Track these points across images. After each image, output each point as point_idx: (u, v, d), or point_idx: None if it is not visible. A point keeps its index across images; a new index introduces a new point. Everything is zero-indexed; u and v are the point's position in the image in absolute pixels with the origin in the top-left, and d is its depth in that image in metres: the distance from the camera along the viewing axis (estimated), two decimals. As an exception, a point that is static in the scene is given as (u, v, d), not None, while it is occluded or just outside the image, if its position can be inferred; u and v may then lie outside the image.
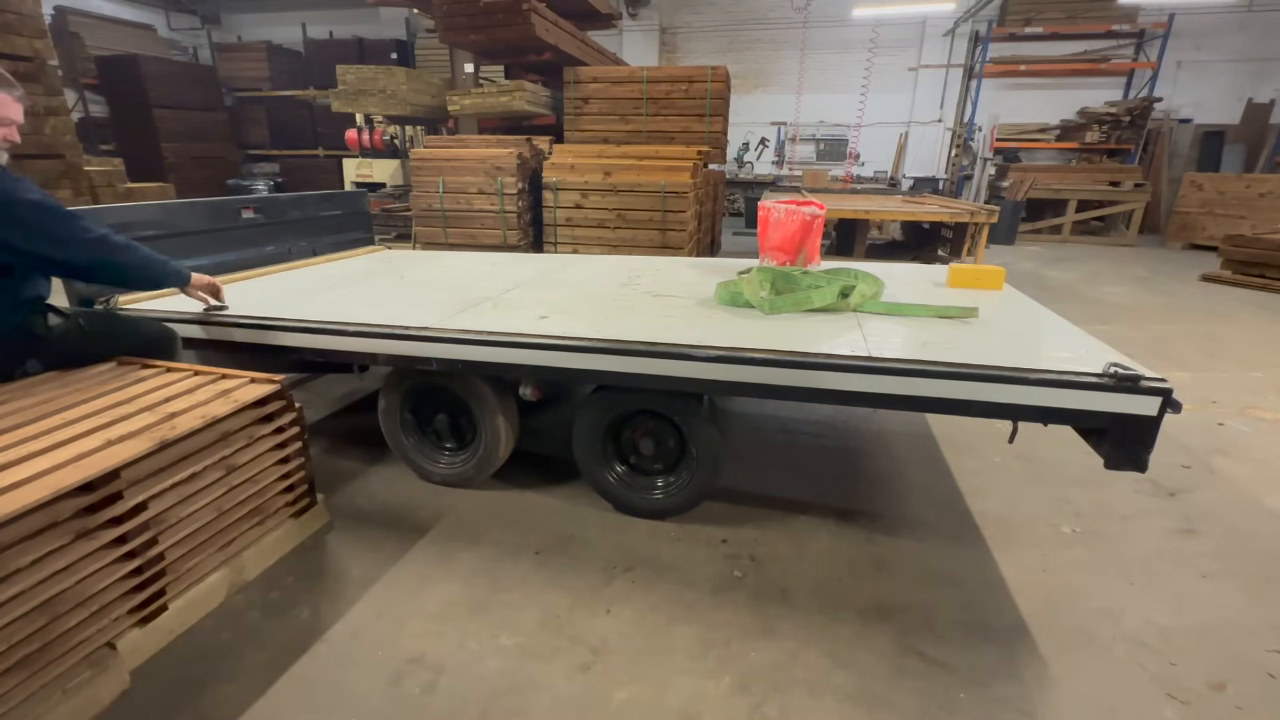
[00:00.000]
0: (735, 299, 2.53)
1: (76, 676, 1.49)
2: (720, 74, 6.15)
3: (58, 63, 4.26)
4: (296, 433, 2.08)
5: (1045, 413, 1.75)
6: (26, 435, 1.61)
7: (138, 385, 1.95)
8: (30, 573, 1.38)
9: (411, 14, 11.45)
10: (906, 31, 12.06)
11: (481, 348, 2.15)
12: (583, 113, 6.49)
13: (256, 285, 3.02)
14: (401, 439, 2.55)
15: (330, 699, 1.58)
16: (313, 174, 11.97)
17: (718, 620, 1.86)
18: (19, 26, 4.27)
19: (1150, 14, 10.48)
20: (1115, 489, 2.57)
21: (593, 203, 5.74)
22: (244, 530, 1.95)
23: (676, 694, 1.61)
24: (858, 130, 12.95)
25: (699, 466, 2.24)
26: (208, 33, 14.34)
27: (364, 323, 2.32)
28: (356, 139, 9.32)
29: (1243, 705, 1.59)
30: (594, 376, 2.13)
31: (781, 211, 2.99)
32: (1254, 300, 6.22)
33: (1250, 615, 1.91)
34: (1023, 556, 2.18)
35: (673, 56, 13.36)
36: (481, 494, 2.52)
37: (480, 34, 6.00)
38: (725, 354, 1.95)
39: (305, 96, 12.46)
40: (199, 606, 1.82)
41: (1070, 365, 1.77)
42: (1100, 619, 1.88)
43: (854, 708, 1.57)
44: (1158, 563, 2.15)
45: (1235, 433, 3.14)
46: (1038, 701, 1.59)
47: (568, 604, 1.92)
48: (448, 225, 6.07)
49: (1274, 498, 2.57)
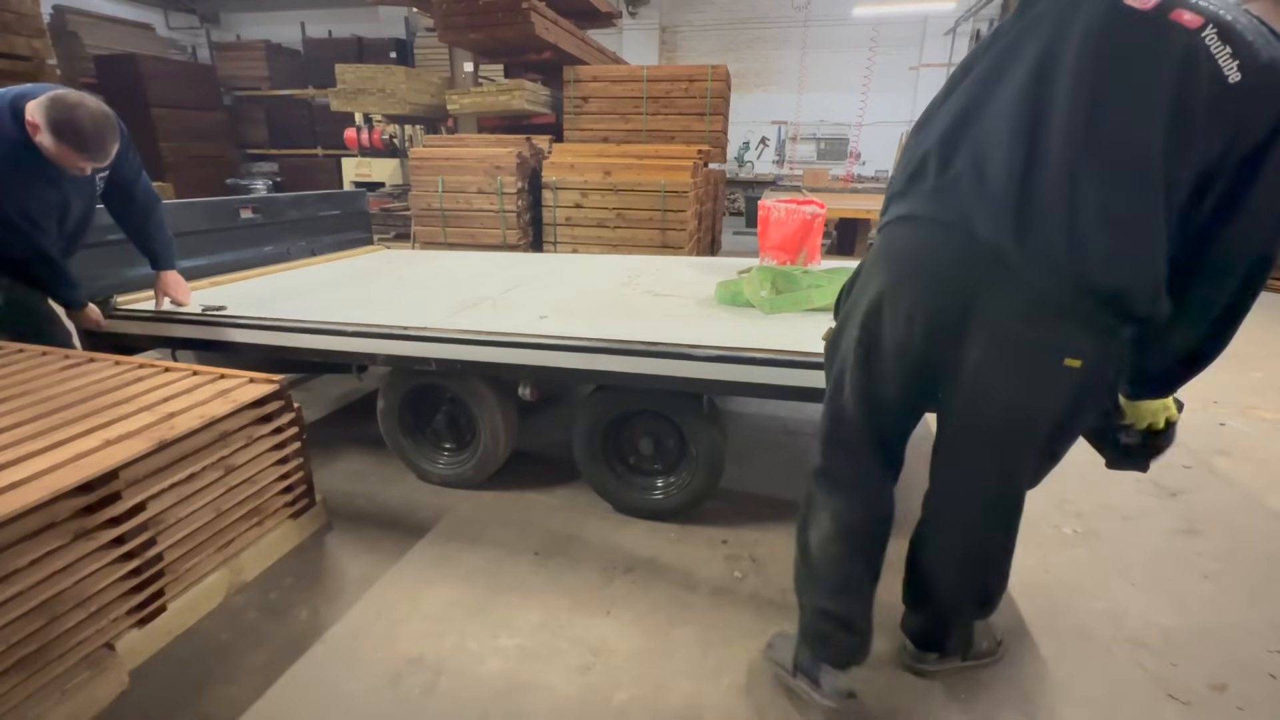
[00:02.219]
0: (735, 299, 2.52)
1: (75, 677, 1.48)
2: (720, 73, 6.15)
3: (56, 62, 4.26)
4: (295, 433, 2.07)
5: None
6: (25, 435, 1.60)
7: (136, 385, 1.95)
8: (29, 573, 1.37)
9: (411, 13, 11.43)
10: (907, 30, 12.05)
11: (481, 348, 2.14)
12: (582, 112, 6.49)
13: (255, 285, 3.02)
14: (400, 439, 2.55)
15: (329, 699, 1.58)
16: (312, 173, 11.94)
17: (718, 621, 1.86)
18: (17, 26, 4.26)
19: (1151, 13, 10.47)
20: (1116, 489, 2.56)
21: (592, 202, 5.73)
22: (243, 531, 1.94)
23: (676, 695, 1.60)
24: (859, 129, 12.94)
25: (699, 467, 2.24)
26: (206, 32, 14.32)
27: (363, 323, 2.32)
28: (355, 138, 9.30)
29: (1244, 706, 1.59)
30: (593, 376, 2.13)
31: (782, 211, 2.99)
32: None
33: (1252, 616, 1.91)
34: (1023, 556, 2.16)
35: (673, 55, 13.35)
36: (481, 494, 2.52)
37: (480, 33, 5.99)
38: (725, 354, 1.94)
39: (304, 96, 12.43)
40: (198, 607, 1.82)
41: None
42: (1101, 619, 1.88)
43: (854, 708, 1.56)
44: (1159, 563, 2.15)
45: (1236, 433, 3.14)
46: (1038, 702, 1.59)
47: (567, 605, 1.92)
48: (447, 225, 6.06)
49: (1275, 498, 2.57)
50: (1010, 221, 1.09)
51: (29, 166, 2.02)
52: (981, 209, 1.12)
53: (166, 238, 2.56)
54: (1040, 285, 1.09)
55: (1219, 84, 0.95)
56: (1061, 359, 1.12)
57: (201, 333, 2.45)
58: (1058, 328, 1.11)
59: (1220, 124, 0.97)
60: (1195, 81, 0.97)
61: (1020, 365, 1.15)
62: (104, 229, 2.49)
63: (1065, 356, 1.11)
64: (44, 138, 1.96)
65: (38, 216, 2.12)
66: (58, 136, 1.95)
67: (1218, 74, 0.95)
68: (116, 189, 2.37)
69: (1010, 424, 1.22)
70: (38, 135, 1.96)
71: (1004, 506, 1.38)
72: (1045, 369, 1.14)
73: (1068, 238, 1.05)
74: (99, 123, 2.01)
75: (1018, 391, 1.17)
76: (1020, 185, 1.08)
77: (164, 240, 2.55)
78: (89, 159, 2.04)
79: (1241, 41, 0.96)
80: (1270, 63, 0.95)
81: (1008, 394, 1.18)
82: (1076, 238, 1.05)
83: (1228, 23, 0.97)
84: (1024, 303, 1.11)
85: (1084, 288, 1.07)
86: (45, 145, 1.97)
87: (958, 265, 1.16)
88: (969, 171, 1.14)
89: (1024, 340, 1.13)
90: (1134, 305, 1.08)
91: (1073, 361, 1.11)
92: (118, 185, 2.36)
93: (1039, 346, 1.13)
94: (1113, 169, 1.04)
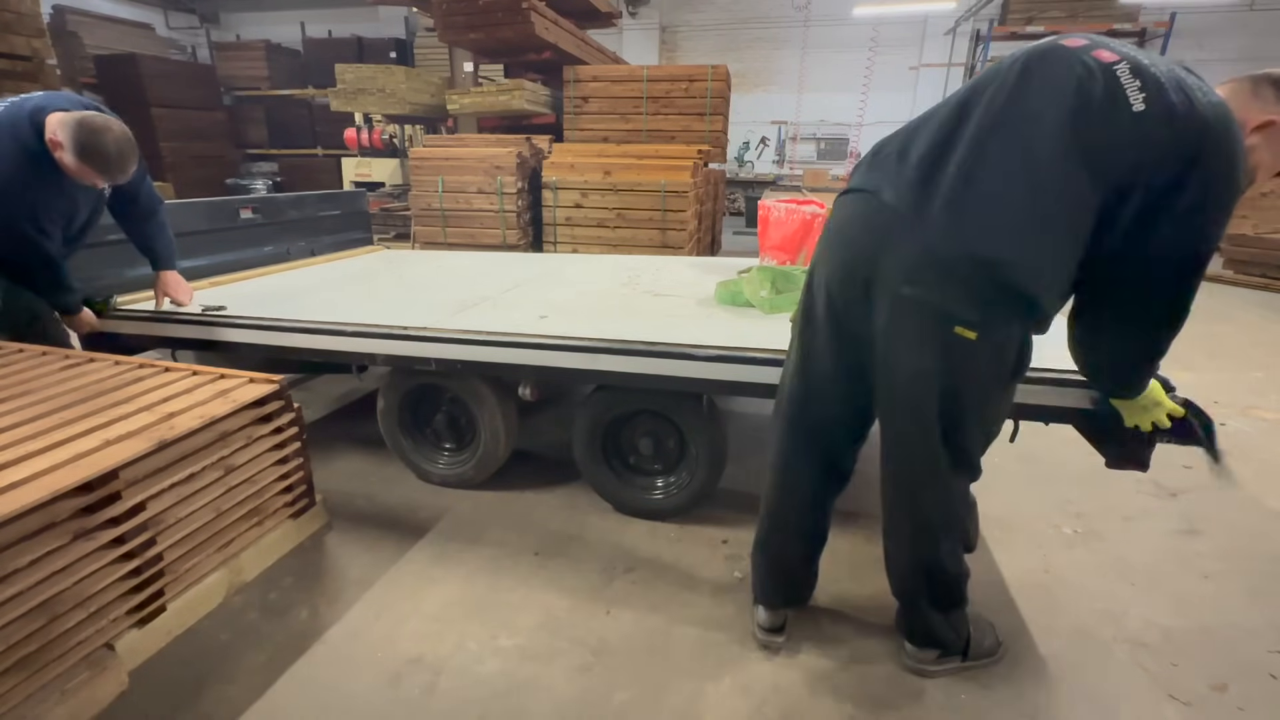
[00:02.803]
0: (735, 299, 2.52)
1: (75, 677, 1.48)
2: (720, 73, 6.14)
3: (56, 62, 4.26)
4: (295, 433, 2.07)
5: (1047, 412, 1.74)
6: (25, 435, 1.60)
7: (136, 385, 1.95)
8: (28, 573, 1.37)
9: (411, 13, 11.43)
10: (907, 30, 12.05)
11: (481, 348, 2.14)
12: (582, 112, 6.48)
13: (255, 285, 3.02)
14: (401, 439, 2.55)
15: (329, 700, 1.58)
16: (312, 173, 11.93)
17: (718, 621, 1.86)
18: (17, 25, 4.26)
19: (1152, 13, 10.46)
20: (1117, 489, 2.56)
21: (592, 202, 5.72)
22: (242, 531, 1.94)
23: (677, 695, 1.60)
24: (859, 129, 12.94)
25: (699, 467, 2.24)
26: (206, 32, 14.32)
27: (363, 323, 2.32)
28: (355, 138, 9.31)
29: (1244, 706, 1.59)
30: (594, 376, 2.13)
31: (782, 210, 2.99)
32: (1255, 300, 6.22)
33: (1252, 616, 1.91)
34: (1023, 557, 2.17)
35: (673, 55, 13.35)
36: (481, 494, 2.52)
37: (479, 33, 5.99)
38: (725, 354, 1.94)
39: (304, 96, 12.43)
40: (198, 607, 1.82)
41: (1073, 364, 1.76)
42: (1101, 619, 1.88)
43: (854, 709, 1.56)
44: (1159, 563, 2.15)
45: (1237, 433, 3.14)
46: (1038, 702, 1.59)
47: (567, 605, 1.92)
48: (447, 225, 6.06)
49: (1276, 498, 2.57)
50: (911, 190, 1.23)
51: (43, 177, 2.05)
52: (892, 179, 1.27)
53: (168, 239, 2.58)
54: (927, 247, 1.20)
55: (1124, 110, 1.10)
56: (951, 326, 1.21)
57: (201, 333, 2.45)
58: (944, 291, 1.20)
59: (1124, 145, 1.11)
60: (1095, 98, 1.11)
61: (912, 327, 1.25)
62: (104, 229, 2.49)
63: (955, 324, 1.20)
64: (66, 156, 2.00)
65: (46, 224, 2.14)
66: (83, 159, 2.00)
67: (1124, 101, 1.10)
68: (122, 194, 2.38)
69: (915, 389, 1.29)
70: (59, 152, 2.00)
71: (931, 478, 1.41)
72: (935, 334, 1.22)
73: (956, 205, 1.17)
74: (123, 148, 2.07)
75: (915, 355, 1.26)
76: (931, 162, 1.22)
77: (165, 241, 2.57)
78: (109, 180, 2.11)
79: (1153, 82, 1.10)
80: (1176, 105, 1.08)
81: (908, 358, 1.27)
82: (963, 206, 1.17)
83: (1143, 64, 1.12)
84: (912, 264, 1.22)
85: (964, 254, 1.17)
86: (66, 162, 2.01)
87: (865, 229, 1.30)
88: (896, 153, 1.31)
89: (913, 301, 1.23)
90: (1014, 278, 1.16)
91: (965, 331, 1.20)
92: (123, 191, 2.37)
93: (928, 308, 1.22)
94: (1010, 155, 1.16)
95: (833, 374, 1.43)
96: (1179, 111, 1.07)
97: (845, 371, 1.41)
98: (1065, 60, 1.17)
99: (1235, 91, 1.21)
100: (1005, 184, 1.15)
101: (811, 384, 1.49)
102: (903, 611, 1.65)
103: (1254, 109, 1.18)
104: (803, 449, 1.56)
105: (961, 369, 1.24)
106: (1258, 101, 1.19)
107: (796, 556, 1.70)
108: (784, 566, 1.71)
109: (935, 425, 1.31)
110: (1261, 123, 1.18)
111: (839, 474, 1.60)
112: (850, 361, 1.39)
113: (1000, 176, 1.16)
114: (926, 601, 1.57)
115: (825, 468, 1.57)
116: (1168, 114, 1.08)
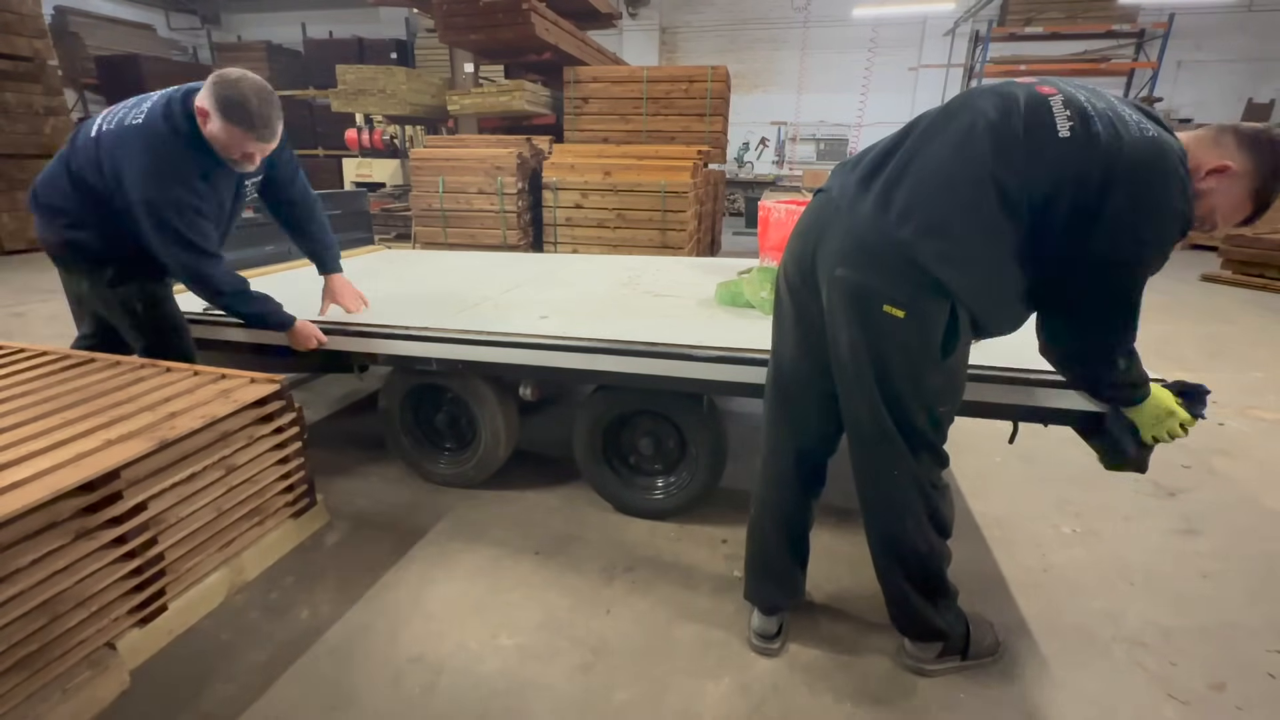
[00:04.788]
0: (735, 299, 2.53)
1: (76, 677, 1.49)
2: (720, 74, 6.16)
3: (57, 63, 4.27)
4: (296, 433, 2.07)
5: (1046, 413, 1.75)
6: (26, 435, 1.61)
7: (137, 385, 1.95)
8: (30, 573, 1.37)
9: (411, 14, 11.45)
10: (907, 31, 12.07)
11: (481, 348, 2.15)
12: (583, 112, 6.50)
13: (255, 285, 3.01)
14: (401, 439, 2.55)
15: (330, 699, 1.58)
16: (313, 174, 11.83)
17: (718, 620, 1.86)
18: (19, 26, 4.27)
19: (1150, 14, 10.48)
20: (1115, 489, 2.57)
21: (593, 202, 5.74)
22: (244, 530, 1.94)
23: (677, 694, 1.61)
24: (858, 130, 12.96)
25: (699, 467, 2.24)
26: (207, 33, 14.35)
27: (363, 323, 2.32)
28: (356, 139, 9.33)
29: (1243, 705, 1.59)
30: (594, 377, 2.13)
31: (781, 211, 2.99)
32: (1254, 300, 6.23)
33: (1251, 615, 1.91)
34: (1023, 556, 2.17)
35: (673, 56, 13.37)
36: (481, 494, 2.52)
37: (480, 33, 6.00)
38: (725, 354, 1.95)
39: (305, 96, 12.45)
40: (199, 607, 1.82)
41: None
42: (1101, 619, 1.88)
43: (854, 707, 1.57)
44: (1158, 563, 2.15)
45: (1236, 433, 3.14)
46: (1038, 701, 1.59)
47: (568, 604, 1.92)
48: (447, 225, 6.07)
49: (1275, 498, 2.57)
50: (853, 188, 1.38)
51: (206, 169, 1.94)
52: (842, 181, 1.43)
53: (330, 240, 2.47)
54: (857, 235, 1.33)
55: (1050, 132, 1.24)
56: (881, 304, 1.30)
57: (202, 332, 2.45)
58: (871, 272, 1.31)
59: (1048, 162, 1.24)
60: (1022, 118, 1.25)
61: (846, 305, 1.35)
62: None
63: (884, 303, 1.30)
64: (213, 124, 1.83)
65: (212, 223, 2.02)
66: (226, 116, 1.81)
67: (1052, 125, 1.24)
68: (274, 191, 2.31)
69: (854, 360, 1.37)
70: (207, 125, 1.84)
71: (886, 455, 1.45)
72: (867, 310, 1.32)
73: (883, 199, 1.31)
74: (262, 96, 1.85)
75: (849, 328, 1.35)
76: (873, 166, 1.38)
77: (327, 242, 2.45)
78: (257, 138, 1.87)
79: (1082, 114, 1.23)
80: (1099, 134, 1.20)
81: (845, 332, 1.36)
82: (890, 200, 1.31)
83: (1078, 99, 1.26)
84: (845, 249, 1.35)
85: (887, 240, 1.29)
86: (214, 133, 1.85)
87: (814, 223, 1.45)
88: (854, 161, 1.45)
89: (845, 281, 1.34)
90: (927, 261, 1.26)
91: (894, 310, 1.30)
92: (275, 186, 2.30)
93: (858, 286, 1.33)
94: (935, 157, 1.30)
95: (796, 356, 1.54)
96: (1101, 140, 1.20)
97: (807, 354, 1.52)
98: (1004, 89, 1.33)
99: (1199, 137, 1.30)
100: (927, 181, 1.29)
101: (782, 368, 1.60)
102: (888, 598, 1.64)
103: (1212, 154, 1.27)
104: (779, 433, 1.64)
105: (890, 340, 1.33)
106: (1216, 148, 1.27)
107: (773, 544, 1.73)
108: (764, 559, 1.75)
109: (876, 394, 1.38)
110: (1215, 167, 1.25)
111: (811, 460, 1.66)
112: (810, 344, 1.50)
113: (924, 175, 1.30)
114: (905, 581, 1.57)
115: (798, 454, 1.64)
116: (1090, 141, 1.21)
